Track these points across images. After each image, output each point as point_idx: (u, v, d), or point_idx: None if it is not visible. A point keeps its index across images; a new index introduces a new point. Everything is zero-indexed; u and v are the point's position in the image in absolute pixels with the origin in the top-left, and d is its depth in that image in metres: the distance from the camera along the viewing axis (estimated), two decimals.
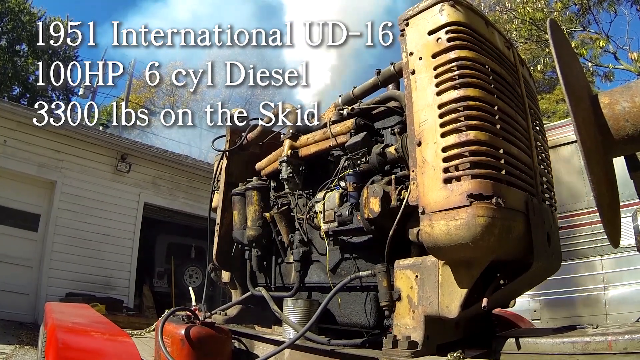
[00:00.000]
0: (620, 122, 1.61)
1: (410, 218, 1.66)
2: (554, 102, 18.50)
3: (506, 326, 2.47)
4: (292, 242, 2.32)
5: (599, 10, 10.58)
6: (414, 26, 1.67)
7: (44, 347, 1.83)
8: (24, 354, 5.18)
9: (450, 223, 1.40)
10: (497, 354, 1.56)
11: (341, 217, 1.92)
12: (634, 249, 3.16)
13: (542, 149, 1.87)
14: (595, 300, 4.52)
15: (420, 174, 1.52)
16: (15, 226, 7.15)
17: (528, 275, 1.57)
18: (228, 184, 2.82)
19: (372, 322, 1.88)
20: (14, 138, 7.08)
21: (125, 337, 1.91)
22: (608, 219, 1.66)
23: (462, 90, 1.48)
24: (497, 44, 1.74)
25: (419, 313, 1.55)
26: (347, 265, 2.05)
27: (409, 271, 1.62)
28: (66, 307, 3.07)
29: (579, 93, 1.61)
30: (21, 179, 7.23)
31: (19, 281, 6.98)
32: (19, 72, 17.64)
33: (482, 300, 1.50)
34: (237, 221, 2.64)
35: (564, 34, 1.83)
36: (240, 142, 2.82)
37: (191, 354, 1.87)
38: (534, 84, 2.13)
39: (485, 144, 1.44)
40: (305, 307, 2.04)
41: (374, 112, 2.10)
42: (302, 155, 2.30)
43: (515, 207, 1.48)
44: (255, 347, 2.21)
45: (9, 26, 17.10)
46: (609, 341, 1.35)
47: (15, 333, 6.13)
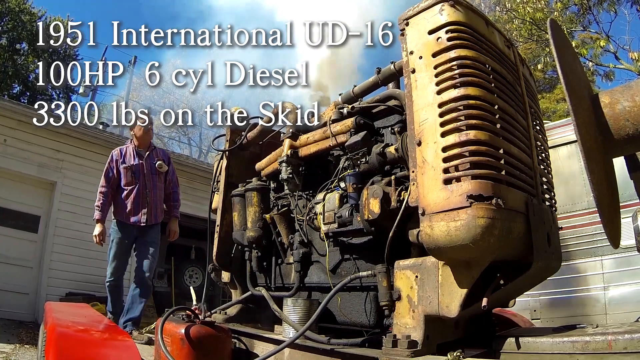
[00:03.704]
0: (621, 121, 1.60)
1: (410, 219, 1.66)
2: (555, 102, 18.49)
3: (506, 326, 2.47)
4: (292, 243, 2.32)
5: (599, 10, 10.58)
6: (414, 26, 1.67)
7: (44, 346, 1.83)
8: (24, 353, 5.18)
9: (451, 224, 1.39)
10: (497, 354, 1.56)
11: (341, 219, 1.92)
12: (634, 249, 3.17)
13: (542, 149, 1.87)
14: (595, 300, 4.52)
15: (420, 174, 1.52)
16: (15, 227, 7.14)
17: (528, 275, 1.57)
18: (228, 184, 2.81)
19: (372, 322, 1.88)
20: (14, 137, 7.07)
21: (125, 336, 1.91)
22: (608, 219, 1.66)
23: (462, 89, 1.48)
24: (497, 43, 1.73)
25: (418, 313, 1.55)
26: (347, 266, 2.05)
27: (409, 271, 1.62)
28: (66, 306, 3.08)
29: (580, 92, 1.61)
30: (21, 180, 7.23)
31: (19, 281, 6.98)
32: (19, 71, 17.62)
33: (482, 300, 1.50)
34: (237, 222, 2.63)
35: (565, 34, 1.83)
36: (240, 142, 2.82)
37: (191, 353, 1.87)
38: (534, 83, 2.13)
39: (485, 143, 1.44)
40: (305, 306, 2.04)
41: (374, 111, 2.10)
42: (302, 155, 2.30)
43: (515, 208, 1.48)
44: (255, 346, 2.21)
45: (9, 25, 17.08)
46: (608, 341, 1.35)
47: (15, 332, 6.14)
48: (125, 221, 3.97)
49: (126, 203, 3.97)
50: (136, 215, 3.98)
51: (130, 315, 3.75)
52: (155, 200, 4.08)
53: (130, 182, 4.01)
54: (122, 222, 3.99)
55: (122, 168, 4.01)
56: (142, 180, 4.04)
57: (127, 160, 4.06)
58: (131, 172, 4.02)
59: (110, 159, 4.08)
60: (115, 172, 4.01)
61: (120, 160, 4.05)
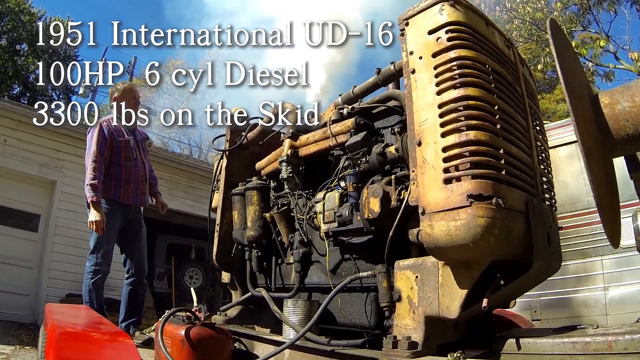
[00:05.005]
0: (621, 121, 1.60)
1: (410, 218, 1.66)
2: (554, 102, 18.49)
3: (506, 327, 2.46)
4: (292, 242, 2.32)
5: (599, 10, 10.59)
6: (414, 26, 1.66)
7: (44, 347, 1.83)
8: (24, 355, 5.18)
9: (451, 224, 1.39)
10: (497, 355, 1.56)
11: (341, 218, 1.92)
12: (634, 249, 3.16)
13: (542, 149, 1.87)
14: (596, 300, 4.52)
15: (420, 174, 1.52)
16: (15, 226, 7.15)
17: (528, 275, 1.57)
18: (228, 183, 2.81)
19: (372, 323, 1.88)
20: (14, 137, 7.08)
21: (125, 337, 1.91)
22: (608, 219, 1.66)
23: (462, 89, 1.48)
24: (497, 43, 1.73)
25: (419, 313, 1.54)
26: (347, 266, 2.05)
27: (409, 272, 1.62)
28: (66, 308, 3.08)
29: (580, 93, 1.61)
30: (21, 179, 7.23)
31: (19, 282, 6.98)
32: (19, 71, 17.64)
33: (482, 300, 1.50)
34: (237, 221, 2.63)
35: (564, 34, 1.83)
36: (240, 142, 2.82)
37: (191, 354, 1.87)
38: (534, 83, 2.13)
39: (485, 143, 1.44)
40: (306, 307, 2.04)
41: (374, 111, 2.10)
42: (302, 155, 2.30)
43: (516, 208, 1.47)
44: (255, 348, 2.21)
45: (9, 26, 17.10)
46: (609, 341, 1.35)
47: (15, 334, 6.14)
48: (124, 201, 3.54)
49: (126, 181, 3.55)
50: (136, 195, 3.61)
51: (134, 318, 3.50)
52: (147, 179, 3.77)
53: (128, 157, 3.60)
54: (117, 202, 3.51)
55: (121, 141, 3.57)
56: (139, 157, 3.70)
57: (119, 135, 3.60)
58: (130, 148, 3.62)
59: (101, 129, 3.49)
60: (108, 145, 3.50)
61: (116, 134, 3.57)
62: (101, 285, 3.44)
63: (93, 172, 3.38)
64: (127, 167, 3.59)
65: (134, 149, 3.67)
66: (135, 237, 3.67)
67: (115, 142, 3.56)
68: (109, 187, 3.51)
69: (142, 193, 3.71)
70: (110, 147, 3.52)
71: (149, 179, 3.83)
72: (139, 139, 3.81)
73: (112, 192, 3.52)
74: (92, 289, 3.37)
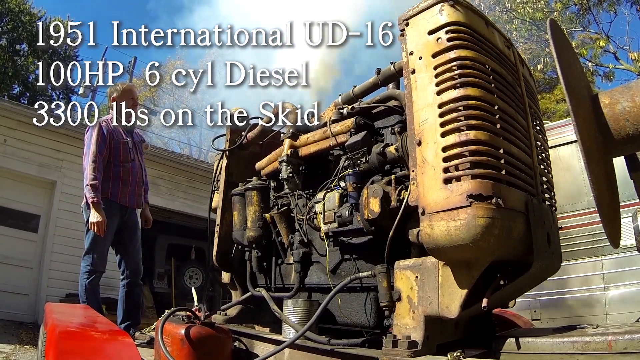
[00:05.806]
0: (621, 121, 1.61)
1: (410, 218, 1.66)
2: (554, 102, 18.49)
3: (506, 326, 2.47)
4: (292, 243, 2.32)
5: (599, 11, 10.60)
6: (414, 26, 1.66)
7: (44, 347, 1.83)
8: (24, 354, 5.19)
9: (450, 224, 1.39)
10: (497, 354, 1.56)
11: (341, 218, 1.92)
12: (634, 249, 3.17)
13: (542, 149, 1.87)
14: (596, 300, 4.52)
15: (420, 174, 1.52)
16: (15, 227, 7.15)
17: (528, 275, 1.57)
18: (228, 184, 2.81)
19: (372, 322, 1.88)
20: (14, 137, 7.08)
21: (125, 337, 1.91)
22: (608, 219, 1.66)
23: (462, 89, 1.48)
24: (497, 43, 1.73)
25: (419, 313, 1.55)
26: (347, 266, 2.05)
27: (409, 272, 1.62)
28: (66, 307, 3.07)
29: (580, 93, 1.61)
30: (21, 179, 7.23)
31: (19, 282, 6.99)
32: (19, 71, 17.64)
33: (482, 300, 1.50)
34: (237, 222, 2.63)
35: (564, 34, 1.83)
36: (240, 142, 2.82)
37: (191, 353, 1.87)
38: (534, 83, 2.13)
39: (485, 143, 1.44)
40: (305, 307, 2.04)
41: (374, 111, 2.10)
42: (302, 155, 2.30)
43: (516, 208, 1.48)
44: (255, 347, 2.21)
45: (9, 26, 17.10)
46: (609, 341, 1.35)
47: (15, 333, 6.15)
48: (121, 202, 3.53)
49: (123, 182, 3.53)
50: (132, 196, 3.59)
51: (132, 320, 3.50)
52: (143, 181, 3.75)
53: (127, 159, 3.57)
54: (114, 203, 3.49)
55: (120, 142, 3.55)
56: (137, 159, 3.68)
57: (118, 136, 3.57)
58: (128, 149, 3.60)
59: (100, 129, 3.45)
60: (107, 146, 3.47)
61: (115, 134, 3.55)
62: (97, 284, 3.44)
63: (93, 173, 3.34)
64: (125, 168, 3.58)
65: (132, 151, 3.66)
66: (131, 239, 3.65)
67: (114, 142, 3.54)
68: (106, 187, 3.49)
69: (138, 195, 3.70)
70: (109, 148, 3.51)
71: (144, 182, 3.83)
72: (137, 141, 3.81)
73: (109, 193, 3.50)
74: (88, 289, 3.39)
